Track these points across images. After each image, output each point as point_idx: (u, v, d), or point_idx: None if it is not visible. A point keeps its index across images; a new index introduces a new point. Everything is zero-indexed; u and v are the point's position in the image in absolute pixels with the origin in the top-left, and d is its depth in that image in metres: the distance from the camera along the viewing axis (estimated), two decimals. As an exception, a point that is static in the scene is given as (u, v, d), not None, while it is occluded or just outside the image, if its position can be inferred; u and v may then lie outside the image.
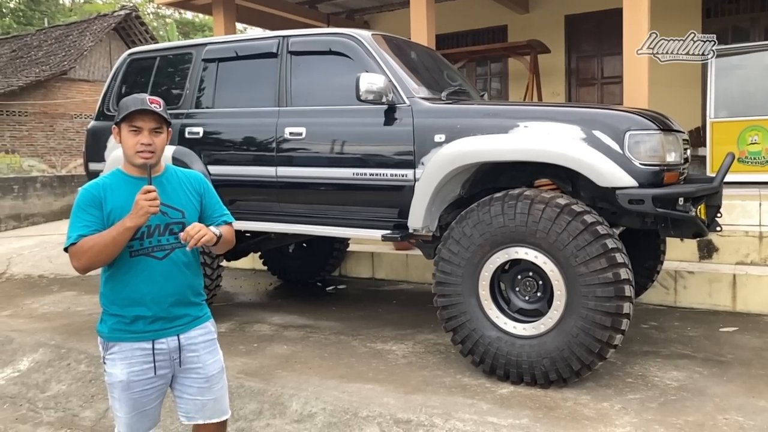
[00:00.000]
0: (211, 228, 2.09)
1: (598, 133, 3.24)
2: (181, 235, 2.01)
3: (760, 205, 4.99)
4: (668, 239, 4.36)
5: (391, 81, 3.78)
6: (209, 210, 2.24)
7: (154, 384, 2.11)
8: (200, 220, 2.18)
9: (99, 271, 2.14)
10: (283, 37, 4.36)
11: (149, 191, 1.94)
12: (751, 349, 3.82)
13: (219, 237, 2.10)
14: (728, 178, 3.67)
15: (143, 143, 2.05)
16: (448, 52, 8.50)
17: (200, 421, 2.19)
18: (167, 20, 28.85)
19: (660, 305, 4.85)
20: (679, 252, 5.07)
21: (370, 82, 3.63)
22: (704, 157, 6.62)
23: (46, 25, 20.89)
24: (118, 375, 2.06)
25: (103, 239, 1.97)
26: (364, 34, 4.07)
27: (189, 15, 26.78)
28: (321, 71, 4.23)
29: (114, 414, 2.15)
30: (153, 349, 2.08)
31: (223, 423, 2.26)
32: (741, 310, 4.61)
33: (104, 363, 2.11)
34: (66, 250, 2.03)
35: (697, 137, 7.52)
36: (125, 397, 2.08)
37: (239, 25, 10.75)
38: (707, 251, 5.11)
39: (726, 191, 3.86)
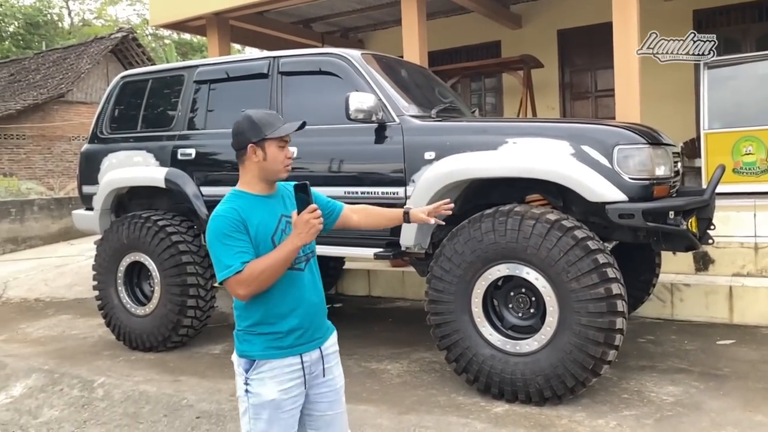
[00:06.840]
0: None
1: (586, 148, 3.25)
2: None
3: (755, 215, 4.98)
4: (663, 252, 4.35)
5: (380, 99, 3.80)
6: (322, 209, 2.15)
7: (299, 402, 2.03)
8: None
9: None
10: (274, 58, 4.39)
11: (315, 209, 1.96)
12: (748, 362, 3.79)
13: None
14: (723, 189, 3.67)
15: (288, 157, 2.08)
16: (441, 68, 8.54)
17: None
18: (166, 41, 29.08)
19: (657, 318, 4.82)
20: (675, 264, 5.05)
21: (360, 101, 3.64)
22: (700, 169, 6.62)
23: (44, 48, 21.07)
24: (268, 394, 1.97)
25: (274, 261, 1.93)
26: (353, 54, 4.10)
27: (187, 36, 26.98)
28: (312, 91, 4.25)
29: None
30: (302, 363, 2.02)
31: None
32: (738, 322, 4.58)
33: (247, 384, 2.00)
34: (221, 282, 1.94)
35: (692, 149, 7.52)
36: (277, 418, 1.98)
37: (236, 46, 10.80)
38: (703, 263, 5.08)
39: (721, 202, 3.86)
